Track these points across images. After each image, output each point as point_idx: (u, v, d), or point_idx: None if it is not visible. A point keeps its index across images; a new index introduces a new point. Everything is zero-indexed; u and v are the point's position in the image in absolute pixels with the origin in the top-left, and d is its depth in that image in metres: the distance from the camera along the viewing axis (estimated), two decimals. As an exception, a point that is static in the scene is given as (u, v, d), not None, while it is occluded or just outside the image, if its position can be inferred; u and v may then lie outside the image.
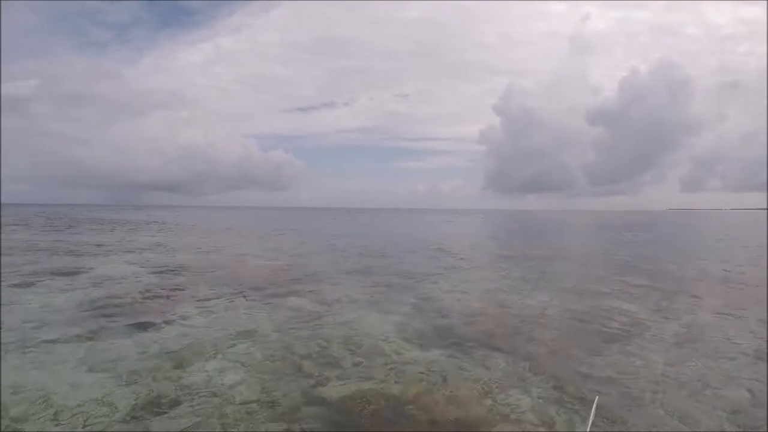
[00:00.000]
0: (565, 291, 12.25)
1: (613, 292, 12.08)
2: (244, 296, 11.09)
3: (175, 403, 5.17)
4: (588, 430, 2.13)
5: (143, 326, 8.21)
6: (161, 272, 14.65)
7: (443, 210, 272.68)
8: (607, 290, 12.41)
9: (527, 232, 45.31)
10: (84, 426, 4.65)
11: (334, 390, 5.59)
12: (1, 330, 7.78)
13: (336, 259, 19.17)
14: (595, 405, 2.58)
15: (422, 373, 6.18)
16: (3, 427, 4.58)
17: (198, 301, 10.49)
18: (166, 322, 8.53)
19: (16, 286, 11.87)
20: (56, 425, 4.67)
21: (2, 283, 12.00)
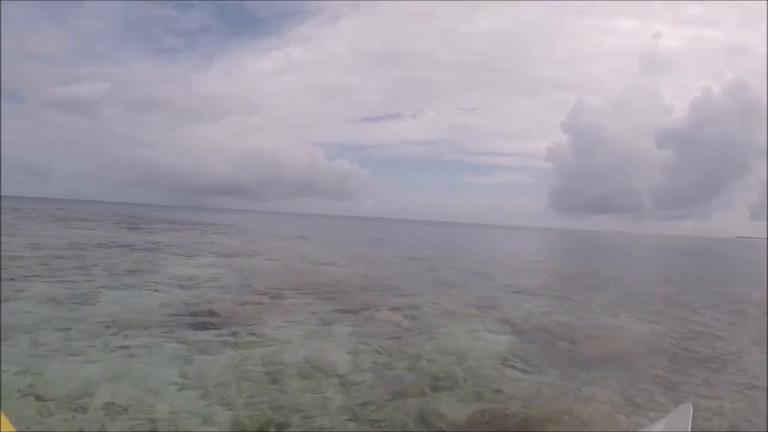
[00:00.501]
0: (658, 313, 11.98)
1: (701, 315, 12.00)
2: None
3: (273, 423, 4.66)
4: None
5: (233, 335, 7.61)
6: (245, 277, 13.94)
7: (506, 226, 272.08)
8: (695, 314, 12.22)
9: (600, 254, 44.35)
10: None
11: (452, 410, 5.16)
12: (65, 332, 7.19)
13: (419, 271, 18.47)
14: (691, 415, 1.96)
15: (543, 393, 5.86)
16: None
17: (288, 310, 9.82)
18: (257, 332, 7.86)
19: (98, 284, 11.11)
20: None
21: (82, 281, 11.32)
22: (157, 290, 10.87)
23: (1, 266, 12.52)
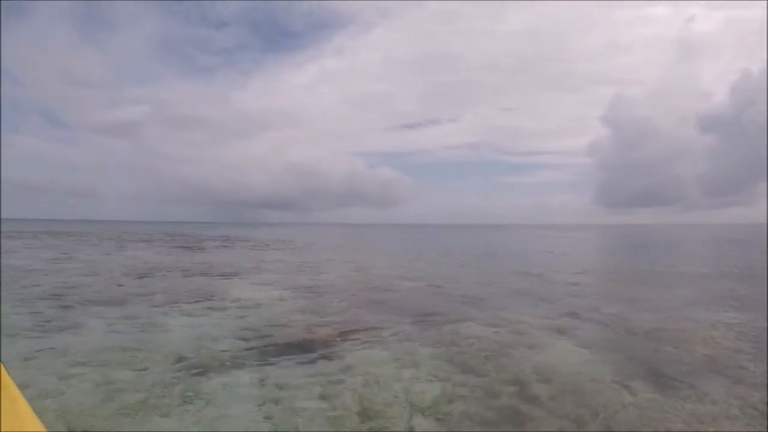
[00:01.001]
0: (746, 308, 11.37)
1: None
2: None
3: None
4: None
5: (312, 362, 7.15)
6: (315, 298, 13.13)
7: (551, 225, 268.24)
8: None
9: (660, 249, 41.52)
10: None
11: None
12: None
13: (489, 280, 17.62)
14: None
15: (651, 412, 5.32)
16: None
17: (363, 330, 9.29)
18: (337, 357, 7.39)
19: (164, 314, 10.45)
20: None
21: (146, 311, 10.69)
22: (226, 318, 10.16)
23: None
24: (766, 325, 9.54)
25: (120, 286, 14.12)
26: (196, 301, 11.90)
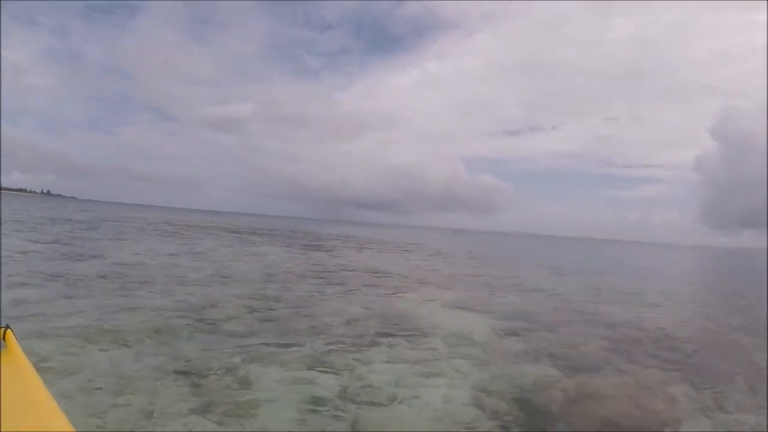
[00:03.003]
0: None
1: None
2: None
3: None
4: None
5: None
6: (530, 329, 9.65)
7: (653, 243, 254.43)
8: None
9: None
10: None
11: None
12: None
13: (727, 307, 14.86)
14: None
15: None
16: None
17: (660, 392, 6.32)
18: None
19: (344, 354, 6.87)
20: None
21: (315, 342, 7.35)
22: (456, 373, 6.47)
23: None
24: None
25: (269, 302, 10.58)
26: (403, 339, 7.96)
